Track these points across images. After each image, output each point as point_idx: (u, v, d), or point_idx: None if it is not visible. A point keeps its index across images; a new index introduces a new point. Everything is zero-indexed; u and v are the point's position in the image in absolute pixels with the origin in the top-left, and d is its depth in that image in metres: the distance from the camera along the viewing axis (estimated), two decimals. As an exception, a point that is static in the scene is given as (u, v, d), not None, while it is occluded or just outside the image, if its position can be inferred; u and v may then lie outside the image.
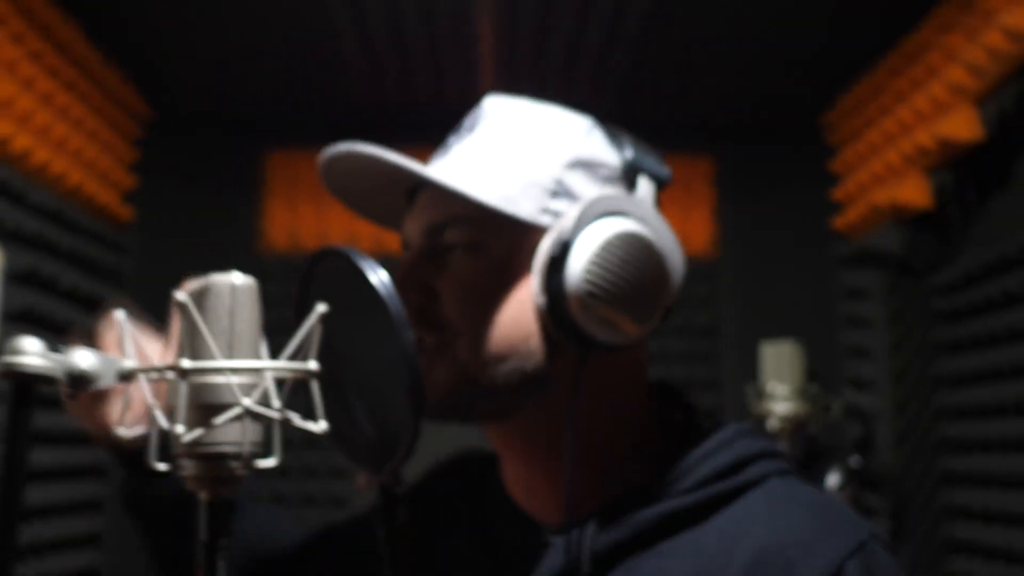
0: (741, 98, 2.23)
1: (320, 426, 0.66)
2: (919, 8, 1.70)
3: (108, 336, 0.85)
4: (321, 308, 0.63)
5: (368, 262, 0.65)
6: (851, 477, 1.80)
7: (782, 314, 2.26)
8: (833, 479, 1.79)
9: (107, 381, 0.64)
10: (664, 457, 0.75)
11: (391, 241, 2.32)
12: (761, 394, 1.81)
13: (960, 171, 1.76)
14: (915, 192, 1.80)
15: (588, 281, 0.69)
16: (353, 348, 0.70)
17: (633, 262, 0.70)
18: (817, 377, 1.84)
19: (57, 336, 1.68)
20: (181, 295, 0.62)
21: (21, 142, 1.65)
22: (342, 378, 0.72)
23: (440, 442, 1.02)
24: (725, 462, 0.73)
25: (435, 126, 2.26)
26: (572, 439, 0.72)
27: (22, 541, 1.75)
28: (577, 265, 0.69)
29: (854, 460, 1.83)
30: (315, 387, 0.66)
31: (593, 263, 0.69)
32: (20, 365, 0.60)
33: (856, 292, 2.13)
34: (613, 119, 0.90)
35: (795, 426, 1.77)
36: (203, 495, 0.63)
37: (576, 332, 0.71)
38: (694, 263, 2.31)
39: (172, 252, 2.30)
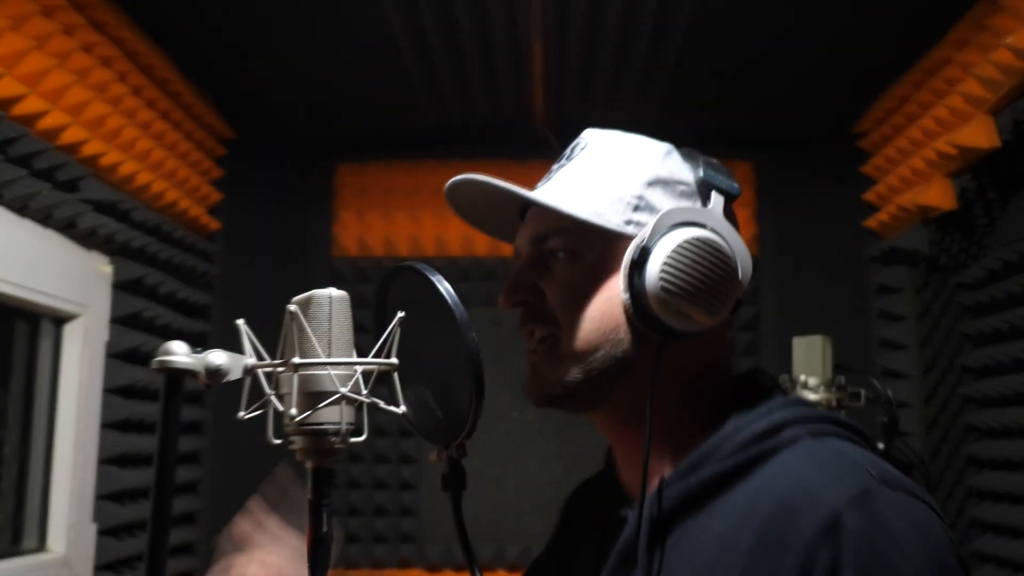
0: (779, 108, 2.33)
1: (400, 409, 0.83)
2: (940, 26, 1.80)
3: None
4: (400, 315, 0.81)
5: (438, 277, 0.79)
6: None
7: (818, 309, 2.37)
8: (860, 461, 1.91)
9: (235, 375, 0.82)
10: (722, 429, 0.83)
11: (451, 244, 2.50)
12: (792, 384, 1.94)
13: (981, 175, 1.84)
14: (939, 195, 1.90)
15: (663, 280, 0.79)
16: (425, 346, 0.83)
17: (702, 263, 0.80)
18: (844, 368, 1.96)
19: (158, 335, 1.91)
20: (291, 306, 0.80)
21: (127, 167, 1.86)
22: (417, 371, 0.85)
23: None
24: (760, 428, 0.81)
25: (491, 140, 2.43)
26: (651, 417, 0.81)
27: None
28: (654, 267, 0.79)
29: (879, 444, 1.95)
30: (396, 378, 0.84)
31: (667, 265, 0.79)
32: (171, 362, 0.77)
33: (887, 288, 2.22)
34: (660, 129, 1.05)
35: (823, 413, 1.91)
36: (309, 464, 0.81)
37: (655, 323, 0.81)
38: (735, 262, 2.46)
39: (254, 258, 2.49)
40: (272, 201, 2.55)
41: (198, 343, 0.85)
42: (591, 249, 0.85)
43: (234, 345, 0.82)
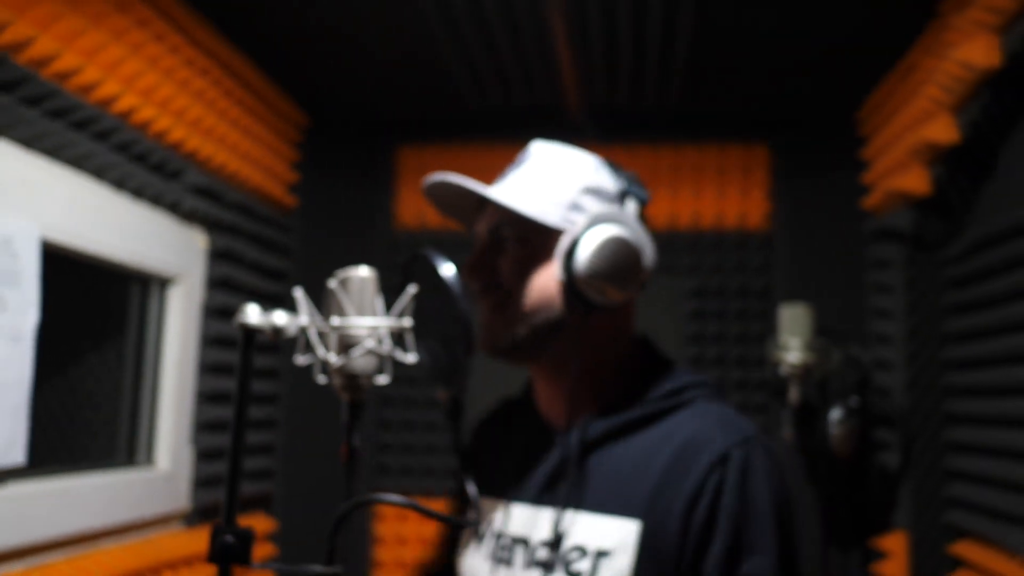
0: (792, 97, 2.52)
1: (412, 358, 1.14)
2: (912, 31, 2.01)
3: None
4: (411, 288, 1.11)
5: (440, 260, 1.04)
6: (851, 414, 2.17)
7: (821, 280, 2.60)
8: (836, 414, 2.16)
9: (292, 332, 1.15)
10: (635, 383, 1.09)
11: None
12: (778, 346, 2.20)
13: (951, 165, 2.04)
14: (917, 181, 2.11)
15: (588, 265, 1.03)
16: (433, 310, 1.09)
17: (617, 253, 1.03)
18: (827, 333, 2.20)
19: (245, 296, 2.29)
20: (332, 282, 1.12)
21: (219, 157, 2.24)
22: (426, 329, 1.10)
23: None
24: (669, 388, 1.07)
25: (529, 125, 2.72)
26: (576, 368, 1.07)
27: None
28: (582, 255, 1.03)
29: (853, 400, 2.20)
30: (408, 335, 1.15)
31: (591, 254, 1.03)
32: (246, 321, 1.12)
33: (880, 262, 2.42)
34: (682, 114, 1.23)
35: (803, 372, 2.16)
36: (345, 398, 1.14)
37: (581, 297, 1.05)
38: (752, 236, 2.70)
39: (325, 230, 2.84)
40: (341, 179, 2.88)
41: (277, 303, 1.18)
42: (536, 238, 1.08)
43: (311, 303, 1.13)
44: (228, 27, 2.17)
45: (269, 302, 2.55)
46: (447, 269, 1.04)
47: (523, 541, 1.09)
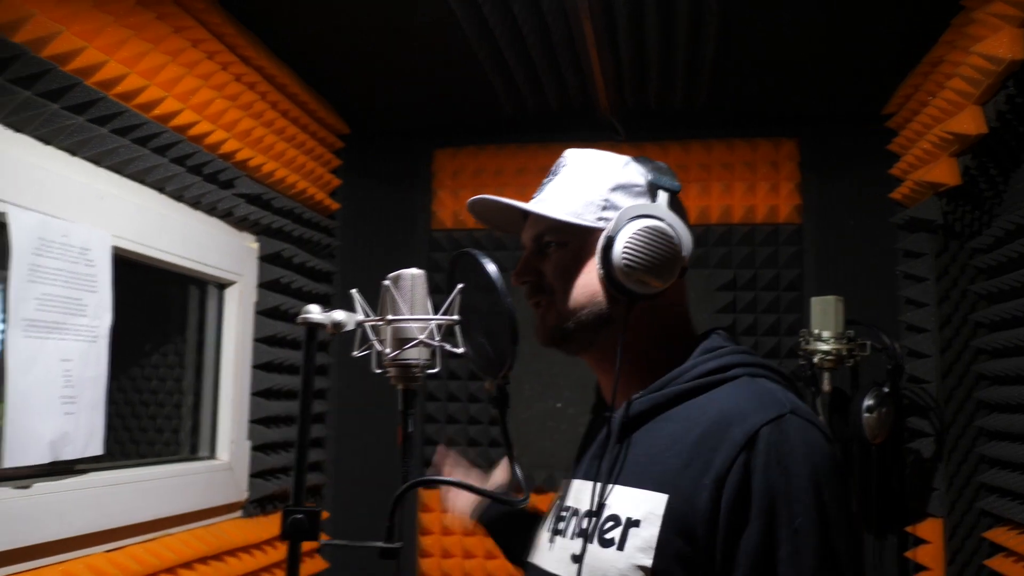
0: (820, 92, 2.56)
1: (461, 350, 1.23)
2: (939, 24, 2.06)
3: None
4: (460, 286, 1.20)
5: (486, 259, 1.11)
6: (882, 401, 2.21)
7: (852, 271, 2.65)
8: (869, 402, 2.21)
9: (350, 327, 1.24)
10: (681, 363, 1.10)
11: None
12: (809, 336, 2.26)
13: (980, 155, 2.09)
14: (946, 172, 2.15)
15: (625, 258, 1.06)
16: (479, 306, 1.15)
17: (650, 244, 1.06)
18: (856, 324, 2.25)
19: (293, 297, 2.40)
20: (386, 281, 1.21)
21: (268, 166, 2.35)
22: (474, 324, 1.18)
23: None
24: (713, 366, 1.08)
25: (561, 127, 2.80)
26: (621, 354, 1.09)
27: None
28: (618, 250, 1.06)
29: (885, 387, 2.25)
30: (458, 329, 1.24)
31: (626, 247, 1.06)
32: (309, 318, 1.21)
33: (911, 253, 2.46)
34: (712, 111, 1.27)
35: (835, 361, 2.22)
36: (400, 387, 1.22)
37: (622, 289, 1.08)
38: (782, 229, 2.76)
39: (366, 231, 2.95)
40: (381, 183, 2.98)
41: (323, 303, 1.27)
42: (574, 240, 1.13)
43: (350, 304, 1.23)
44: (272, 42, 2.27)
45: (315, 302, 2.67)
46: (491, 267, 1.11)
47: (574, 512, 1.14)
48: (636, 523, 1.02)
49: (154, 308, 2.32)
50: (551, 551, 1.16)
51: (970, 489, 2.27)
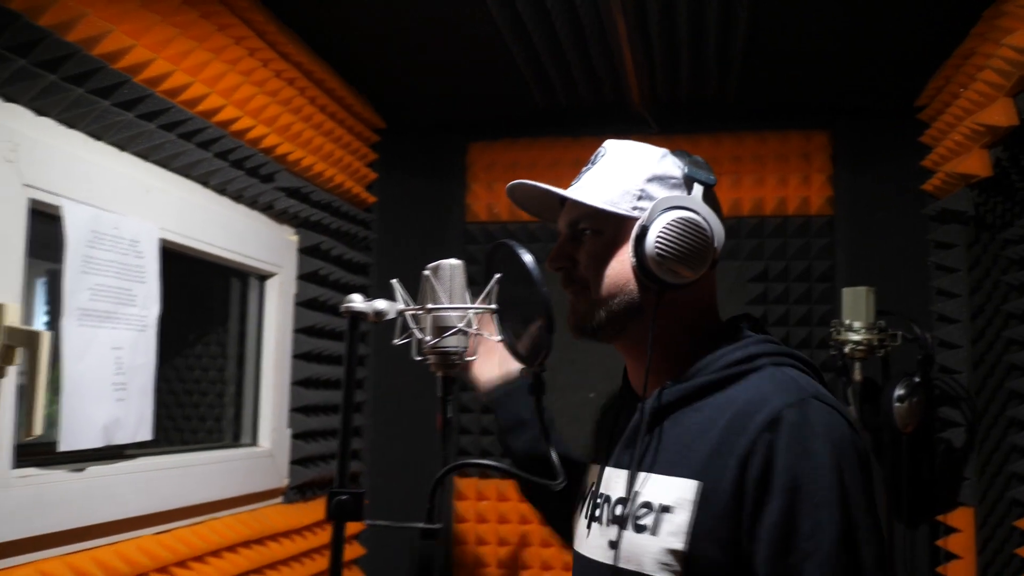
0: (851, 84, 2.57)
1: (498, 338, 1.28)
2: (970, 18, 2.06)
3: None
4: (497, 276, 1.24)
5: (522, 250, 1.16)
6: (913, 390, 2.23)
7: (884, 261, 2.66)
8: (899, 391, 2.22)
9: (391, 315, 1.29)
10: (711, 353, 1.14)
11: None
12: (840, 326, 2.28)
13: (1012, 147, 2.09)
14: (977, 164, 2.15)
15: (657, 248, 1.10)
16: (516, 296, 1.21)
17: (684, 235, 1.10)
18: (887, 314, 2.27)
19: (331, 289, 2.46)
20: (426, 271, 1.26)
21: (306, 160, 2.41)
22: (511, 313, 1.24)
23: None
24: (739, 356, 1.12)
25: (594, 120, 2.84)
26: (652, 343, 1.13)
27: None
28: (651, 239, 1.10)
29: (916, 377, 2.26)
30: (495, 318, 1.28)
31: (659, 237, 1.10)
32: (352, 307, 1.27)
33: (943, 244, 2.46)
34: (743, 104, 1.29)
35: (867, 351, 2.24)
36: (439, 374, 1.27)
37: (654, 278, 1.12)
38: (814, 220, 2.77)
39: (402, 224, 3.00)
40: (416, 176, 3.04)
41: (360, 294, 1.31)
42: (609, 228, 1.18)
43: (387, 294, 1.28)
44: (310, 38, 2.33)
45: (352, 293, 2.73)
46: (528, 257, 1.15)
47: (607, 499, 1.18)
48: (668, 509, 1.07)
49: (197, 300, 2.39)
50: (589, 538, 1.21)
51: (1001, 478, 2.27)
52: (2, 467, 1.43)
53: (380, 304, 1.27)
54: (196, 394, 2.41)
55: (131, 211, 1.75)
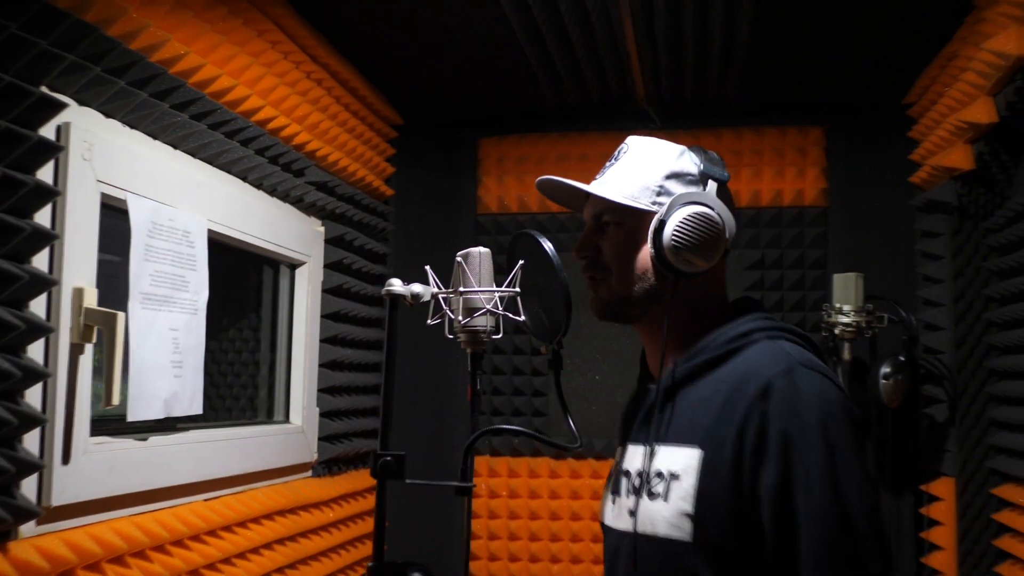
0: (845, 83, 2.74)
1: (521, 318, 1.43)
2: (954, 23, 2.23)
3: None
4: (520, 262, 1.40)
5: (544, 239, 1.28)
6: (899, 368, 2.40)
7: (874, 250, 2.83)
8: (886, 370, 2.40)
9: (426, 298, 1.44)
10: (715, 333, 1.23)
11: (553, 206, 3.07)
12: (831, 310, 2.45)
13: (993, 142, 2.25)
14: (961, 158, 2.32)
15: (674, 240, 1.18)
16: (539, 280, 1.32)
17: (699, 228, 1.17)
18: (875, 298, 2.44)
19: (354, 277, 2.62)
20: (458, 257, 1.41)
21: (332, 156, 2.57)
22: (532, 295, 1.34)
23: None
24: (737, 332, 1.21)
25: (601, 117, 3.01)
26: (668, 327, 1.22)
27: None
28: (668, 232, 1.18)
29: (901, 356, 2.44)
30: (519, 300, 1.44)
31: (676, 230, 1.18)
32: (392, 290, 1.42)
33: (929, 233, 2.63)
34: (743, 102, 1.43)
35: (856, 333, 2.42)
36: (469, 350, 1.43)
37: (671, 267, 1.20)
38: (809, 211, 2.94)
39: (419, 216, 3.16)
40: (431, 170, 3.20)
41: (379, 282, 1.42)
42: (630, 220, 1.26)
43: (408, 280, 1.40)
44: (336, 40, 2.48)
45: (372, 282, 2.89)
46: (548, 245, 1.27)
47: (627, 473, 1.28)
48: (677, 476, 1.16)
49: (231, 287, 2.55)
50: (613, 511, 1.31)
51: (980, 450, 2.45)
52: (82, 435, 1.59)
53: (417, 288, 1.38)
54: (230, 375, 2.58)
55: (184, 204, 1.91)
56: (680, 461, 1.17)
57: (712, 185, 1.26)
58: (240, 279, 2.56)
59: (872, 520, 1.08)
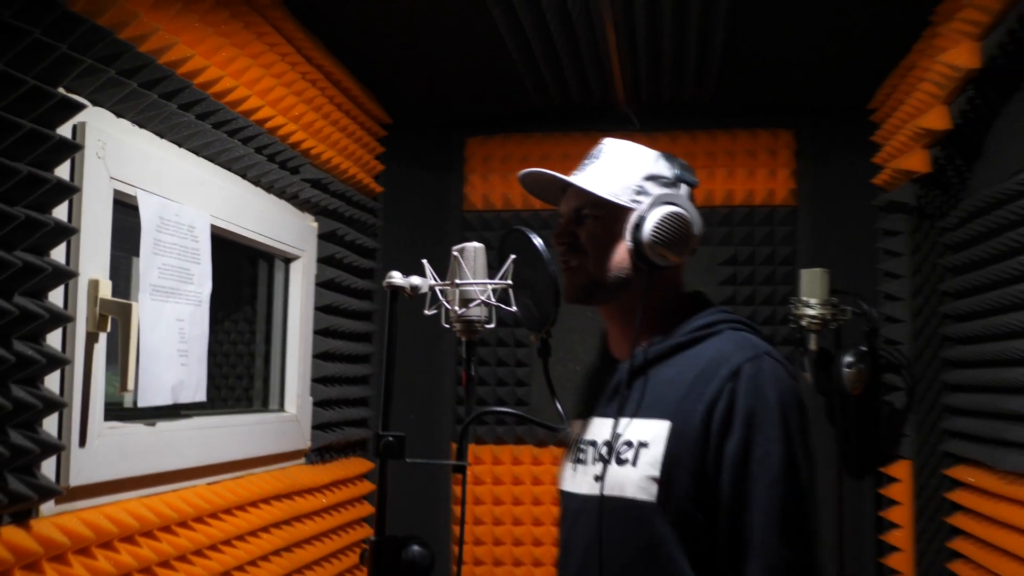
0: (815, 91, 2.89)
1: (513, 308, 1.55)
2: (912, 37, 2.38)
3: None
4: (512, 256, 1.52)
5: (534, 236, 1.38)
6: (861, 358, 2.57)
7: (839, 247, 3.00)
8: (849, 359, 2.57)
9: (424, 290, 1.56)
10: (680, 321, 1.37)
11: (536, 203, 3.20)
12: (798, 303, 2.61)
13: (946, 148, 2.41)
14: (919, 161, 2.48)
15: (651, 236, 1.30)
16: (527, 273, 1.42)
17: (675, 226, 1.30)
18: (839, 292, 2.60)
19: (345, 271, 2.74)
20: (454, 251, 1.52)
21: (326, 154, 2.67)
22: (523, 287, 1.43)
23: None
24: (703, 323, 1.35)
25: (583, 118, 3.14)
26: (641, 313, 1.35)
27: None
28: (647, 229, 1.31)
29: (863, 347, 2.60)
30: (510, 291, 1.55)
31: (653, 227, 1.30)
32: (392, 282, 1.53)
33: (889, 232, 2.79)
34: (719, 104, 1.81)
35: (821, 325, 2.57)
36: (464, 338, 1.54)
37: (646, 260, 1.32)
38: (779, 210, 3.09)
39: (407, 212, 3.26)
40: (419, 168, 3.30)
41: (368, 277, 1.48)
42: (609, 215, 1.37)
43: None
44: (329, 41, 2.58)
45: (362, 276, 3.00)
46: (539, 241, 1.37)
47: (592, 443, 1.40)
48: (646, 444, 1.29)
49: (229, 281, 2.64)
50: (575, 478, 1.42)
51: (935, 434, 2.62)
52: (97, 419, 1.69)
53: (415, 280, 1.48)
54: (226, 366, 2.68)
55: (188, 200, 2.01)
56: (650, 432, 1.29)
57: (684, 188, 1.39)
58: (237, 273, 2.66)
59: (812, 486, 1.25)
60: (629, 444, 1.31)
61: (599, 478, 1.33)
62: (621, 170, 1.39)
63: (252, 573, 2.20)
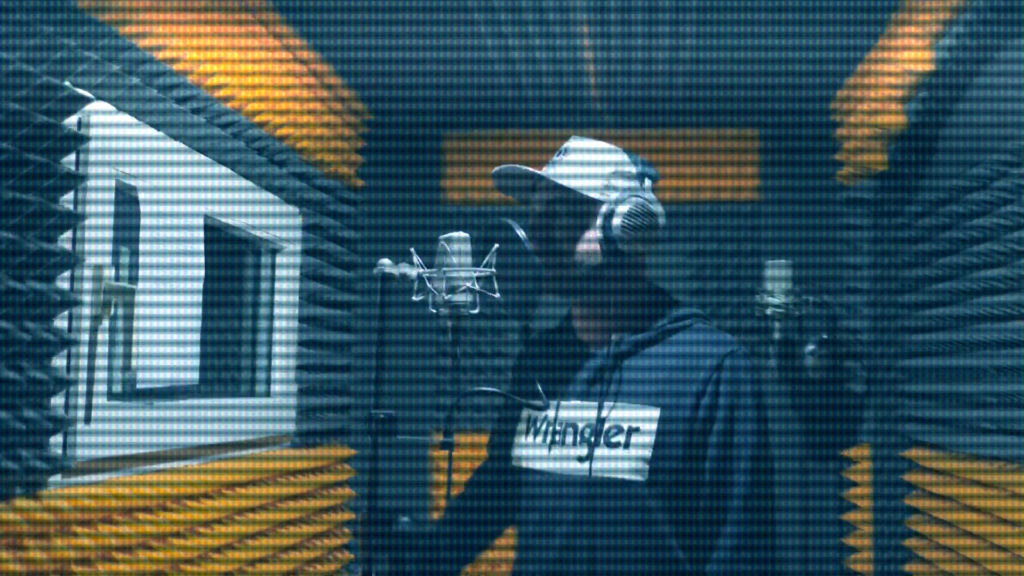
0: (779, 91, 3.00)
1: (496, 296, 1.65)
2: (871, 41, 2.52)
3: None
4: (496, 247, 1.61)
5: (517, 227, 1.45)
6: (822, 346, 2.72)
7: (803, 240, 3.14)
8: (811, 347, 2.71)
9: (412, 277, 1.66)
10: (652, 312, 1.48)
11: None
12: (764, 294, 2.75)
13: (902, 146, 2.56)
14: (876, 159, 2.64)
15: (619, 227, 1.39)
16: (510, 263, 1.54)
17: (639, 218, 1.40)
18: (802, 282, 2.75)
19: (328, 262, 2.82)
20: (442, 240, 1.63)
21: (311, 148, 2.76)
22: (506, 276, 1.66)
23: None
24: (676, 314, 1.46)
25: (557, 114, 3.24)
26: (613, 300, 1.45)
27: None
28: (616, 221, 1.41)
29: (825, 335, 2.75)
30: (494, 279, 1.66)
31: (621, 219, 1.39)
32: (384, 270, 1.62)
33: (849, 226, 2.94)
34: (689, 104, 1.88)
35: (785, 314, 2.71)
36: (450, 323, 1.64)
37: (615, 250, 1.42)
38: (744, 205, 3.23)
39: (387, 205, 3.35)
40: (398, 163, 3.40)
41: (350, 268, 1.56)
42: (580, 208, 1.44)
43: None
44: (316, 40, 2.67)
45: (344, 268, 3.09)
46: (521, 232, 1.48)
47: (572, 425, 1.46)
48: (637, 429, 1.39)
49: (218, 270, 2.71)
50: (551, 457, 1.47)
51: (893, 419, 2.77)
52: (101, 399, 1.77)
53: (404, 267, 1.57)
54: (214, 354, 2.75)
55: (184, 192, 2.09)
56: (639, 416, 1.39)
57: (647, 183, 1.48)
58: (227, 263, 2.73)
59: (771, 459, 1.43)
60: (619, 428, 1.40)
61: (585, 459, 1.41)
62: (590, 166, 1.47)
63: (245, 546, 2.28)
